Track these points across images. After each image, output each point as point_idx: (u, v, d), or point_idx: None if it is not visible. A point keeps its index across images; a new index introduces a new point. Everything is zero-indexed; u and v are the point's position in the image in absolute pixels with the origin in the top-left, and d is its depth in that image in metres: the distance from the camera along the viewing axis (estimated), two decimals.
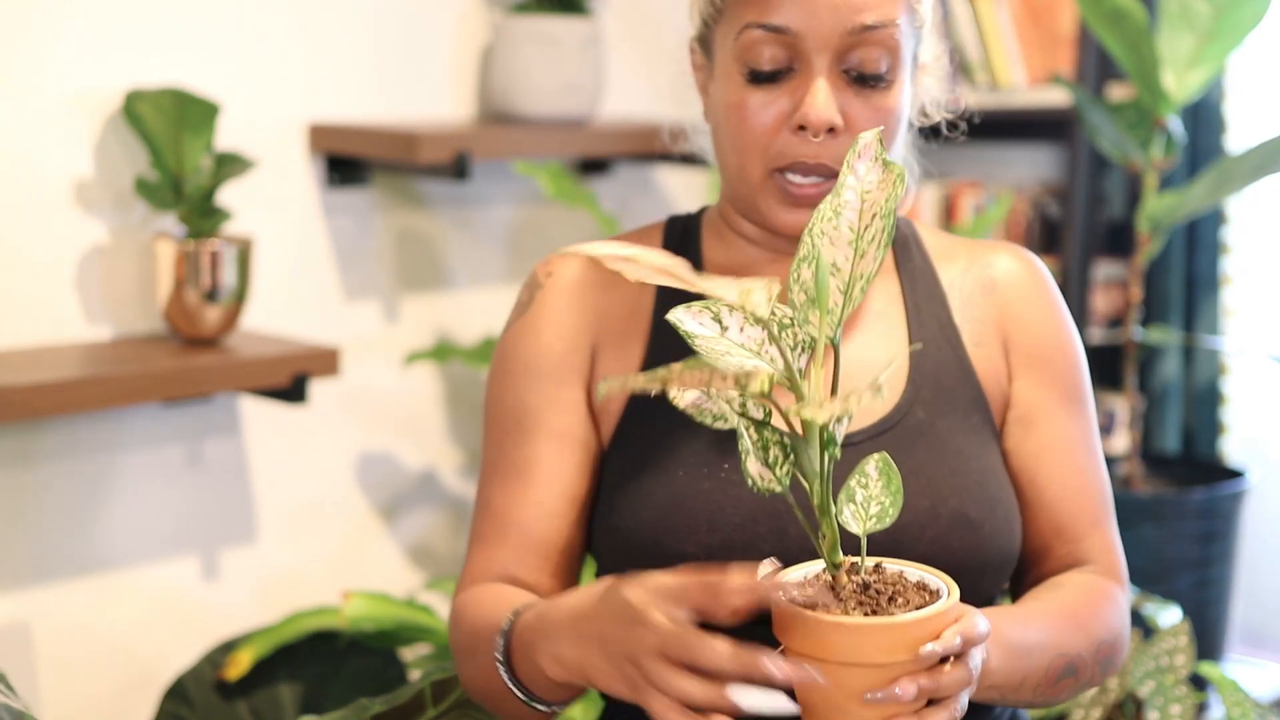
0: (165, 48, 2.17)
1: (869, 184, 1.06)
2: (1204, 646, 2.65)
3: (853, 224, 1.06)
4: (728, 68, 1.27)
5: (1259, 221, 2.94)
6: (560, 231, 2.71)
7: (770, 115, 1.25)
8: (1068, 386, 1.34)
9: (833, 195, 1.06)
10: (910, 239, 1.39)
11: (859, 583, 1.05)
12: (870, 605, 1.03)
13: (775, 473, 1.06)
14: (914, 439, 1.26)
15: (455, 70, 2.55)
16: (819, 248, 1.05)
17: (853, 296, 1.04)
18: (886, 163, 1.06)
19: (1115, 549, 1.34)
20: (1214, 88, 2.83)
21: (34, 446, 2.10)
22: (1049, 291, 1.37)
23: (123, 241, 2.16)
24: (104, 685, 2.21)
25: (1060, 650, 1.21)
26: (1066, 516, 1.32)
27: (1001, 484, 1.28)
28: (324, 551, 2.46)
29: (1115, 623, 1.29)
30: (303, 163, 2.36)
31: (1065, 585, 1.28)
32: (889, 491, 1.08)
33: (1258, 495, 2.89)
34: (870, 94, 1.25)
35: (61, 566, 2.15)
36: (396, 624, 2.16)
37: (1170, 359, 2.94)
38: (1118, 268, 2.97)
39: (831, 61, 1.24)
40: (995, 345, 1.34)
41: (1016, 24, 2.96)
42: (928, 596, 1.05)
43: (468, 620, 1.26)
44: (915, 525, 1.22)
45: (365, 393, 2.48)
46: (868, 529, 1.07)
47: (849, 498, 1.08)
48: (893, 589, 1.05)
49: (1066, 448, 1.32)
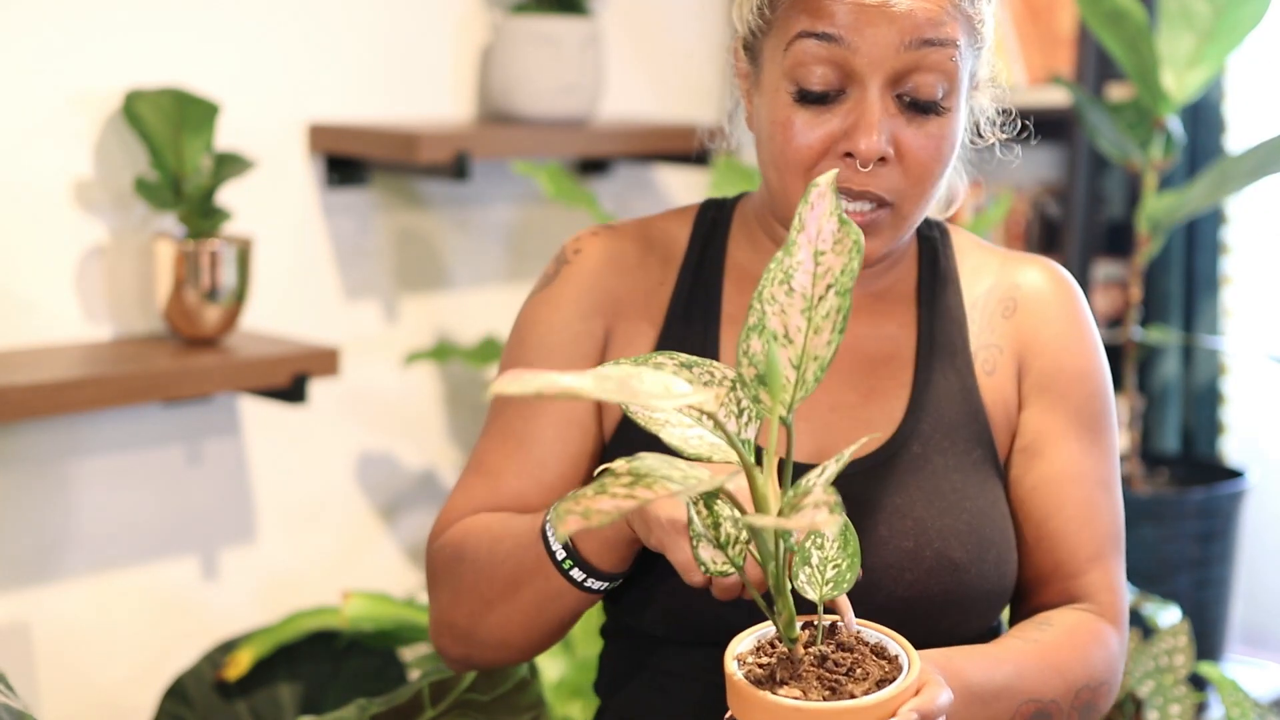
0: (165, 48, 2.17)
1: (823, 243, 0.97)
2: (1203, 646, 2.65)
3: (805, 289, 0.96)
4: (776, 83, 1.20)
5: (1259, 221, 2.94)
6: (560, 231, 2.71)
7: (817, 137, 1.18)
8: (1083, 416, 1.29)
9: (782, 254, 0.97)
10: (940, 249, 1.34)
11: (816, 654, 1.02)
12: (828, 681, 1.00)
13: (728, 553, 1.03)
14: (905, 475, 1.23)
15: (455, 70, 2.55)
16: (767, 316, 0.96)
17: (806, 380, 0.96)
18: (843, 220, 0.97)
19: (1116, 588, 1.29)
20: (1214, 88, 2.83)
21: (34, 446, 2.11)
22: (1075, 314, 1.31)
23: (123, 241, 2.16)
24: (104, 685, 2.21)
25: (1031, 695, 1.17)
26: (1065, 551, 1.27)
27: (996, 524, 1.24)
28: (324, 551, 2.46)
29: (1099, 667, 1.23)
30: (302, 163, 2.36)
31: (1052, 624, 1.24)
32: (845, 554, 1.04)
33: (1257, 495, 2.89)
34: (924, 122, 1.18)
35: (61, 566, 2.15)
36: (396, 624, 2.16)
37: (1170, 359, 2.94)
38: (1117, 268, 2.97)
39: (885, 85, 1.17)
40: (1009, 372, 1.29)
41: (1016, 24, 2.96)
42: (886, 665, 1.02)
43: (473, 538, 1.24)
44: (895, 568, 1.19)
45: (365, 393, 2.49)
46: (824, 595, 1.03)
47: (804, 560, 1.03)
48: (851, 659, 1.02)
49: (1073, 479, 1.27)
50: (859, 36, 1.15)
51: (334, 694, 2.15)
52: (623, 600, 1.27)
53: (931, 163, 1.20)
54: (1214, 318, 2.91)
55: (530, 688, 1.57)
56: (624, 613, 1.29)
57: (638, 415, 0.99)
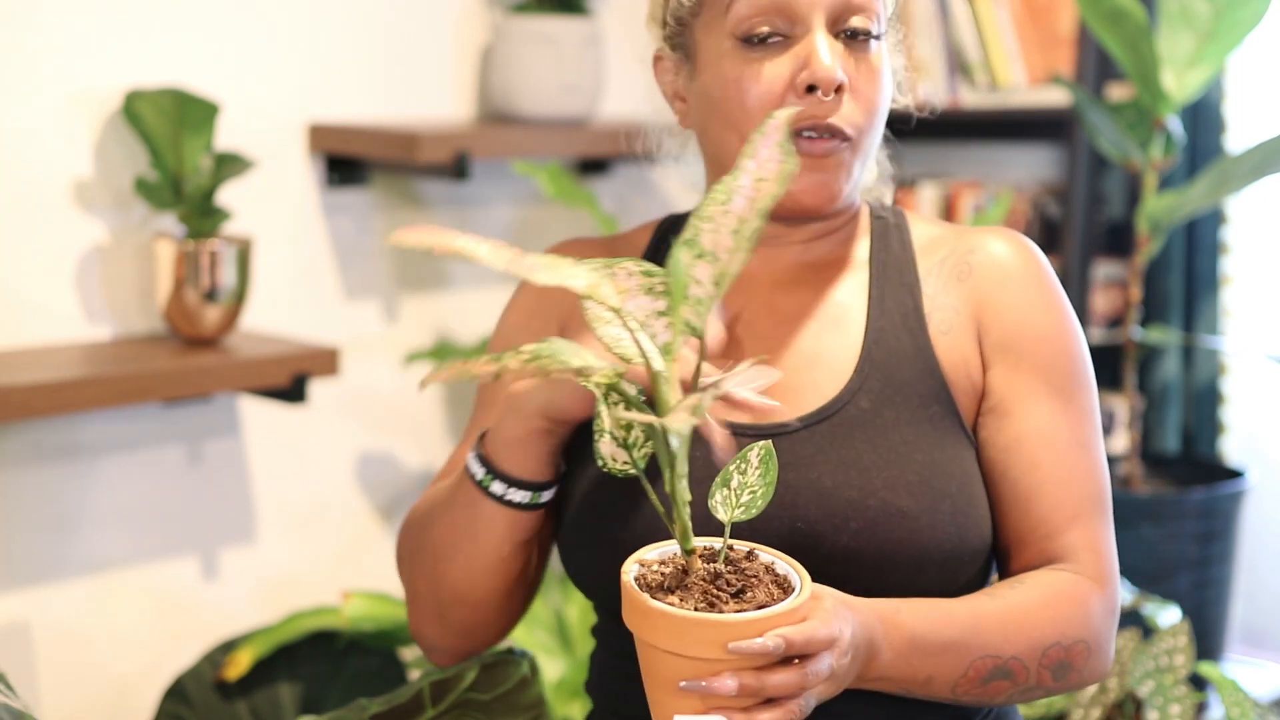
0: (165, 48, 2.17)
1: (767, 170, 1.02)
2: (1203, 646, 2.65)
3: (742, 213, 1.01)
4: (719, 50, 1.27)
5: (1259, 221, 2.94)
6: (560, 231, 2.71)
7: (776, 81, 1.25)
8: (1053, 376, 1.29)
9: (730, 176, 1.02)
10: (894, 228, 1.37)
11: (711, 571, 1.04)
12: (712, 596, 1.01)
13: (632, 454, 1.07)
14: (852, 429, 1.24)
15: (455, 70, 2.55)
16: (701, 232, 1.01)
17: (722, 289, 1.00)
18: (786, 150, 1.03)
19: (1100, 547, 1.27)
20: (1214, 88, 2.83)
21: (34, 446, 2.11)
22: (1035, 276, 1.32)
23: (123, 241, 2.16)
24: (104, 685, 2.21)
25: (988, 651, 1.18)
26: (1042, 511, 1.26)
27: (956, 478, 1.24)
28: (324, 551, 2.46)
29: (1074, 624, 1.22)
30: (302, 163, 2.36)
31: (1025, 583, 1.23)
32: (764, 481, 1.06)
33: (1257, 495, 2.89)
34: (865, 54, 1.26)
35: (61, 566, 2.15)
36: (396, 624, 2.16)
37: (1170, 359, 2.94)
38: (1117, 268, 2.97)
39: (827, 23, 1.25)
40: (966, 333, 1.30)
41: (1016, 24, 2.96)
42: (780, 595, 1.03)
43: (420, 509, 1.31)
44: (839, 516, 1.19)
45: (365, 393, 2.49)
46: (734, 517, 1.06)
47: (724, 482, 1.06)
48: (745, 582, 1.03)
49: (1046, 440, 1.27)
50: None
51: (334, 694, 2.15)
52: (588, 578, 1.29)
53: (875, 94, 1.27)
54: (1214, 318, 2.91)
55: (530, 687, 1.57)
56: (591, 593, 1.31)
57: (588, 311, 1.03)
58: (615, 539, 1.23)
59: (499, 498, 1.23)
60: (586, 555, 1.27)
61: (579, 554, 1.28)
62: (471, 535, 1.24)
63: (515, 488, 1.22)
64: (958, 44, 3.01)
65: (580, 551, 1.27)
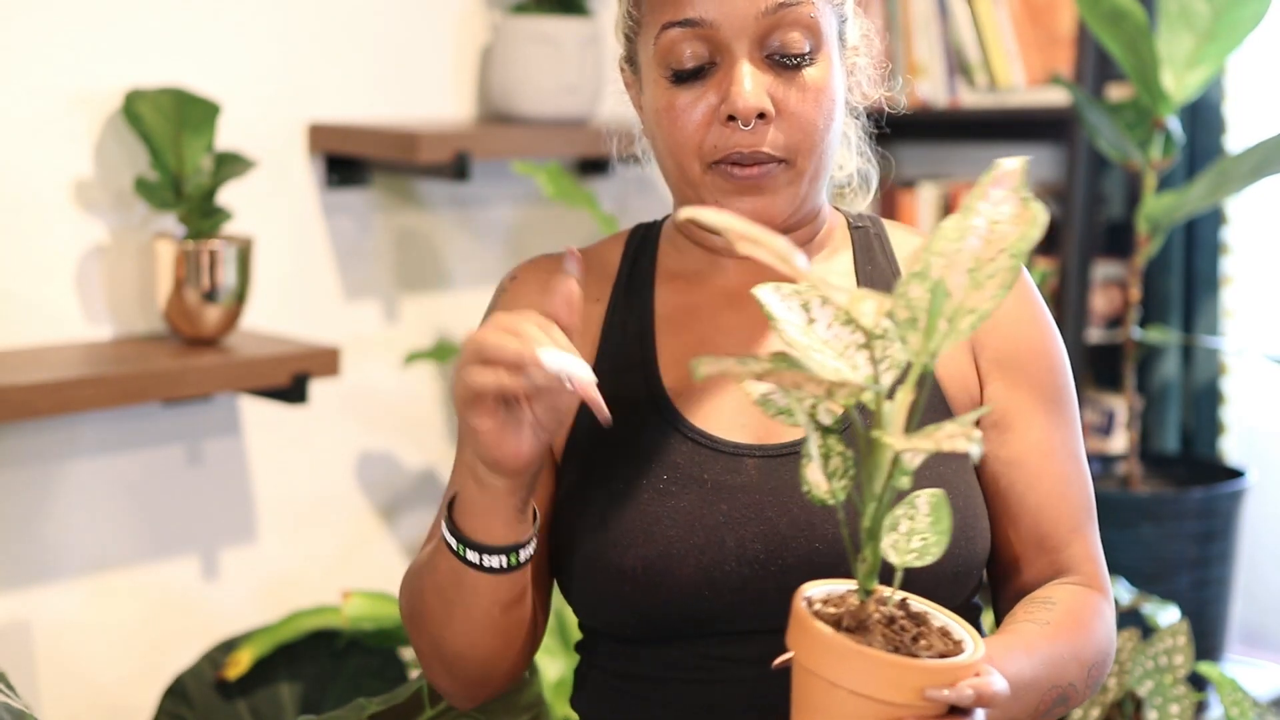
0: (165, 48, 2.17)
1: (1000, 215, 0.98)
2: (1203, 646, 2.65)
3: (976, 252, 0.97)
4: (653, 74, 1.26)
5: (1259, 221, 2.94)
6: (560, 231, 2.71)
7: (699, 112, 1.23)
8: (1046, 389, 1.30)
9: (960, 214, 0.98)
10: (875, 238, 1.36)
11: (885, 615, 1.02)
12: (894, 641, 1.00)
13: (832, 484, 1.03)
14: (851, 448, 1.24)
15: (455, 70, 2.55)
16: (933, 266, 0.97)
17: (959, 329, 0.95)
18: (1026, 200, 0.98)
19: (1096, 557, 1.30)
20: (1213, 88, 2.83)
21: (34, 446, 2.11)
22: (1023, 289, 1.32)
23: (123, 241, 2.16)
24: (104, 685, 2.21)
25: (1054, 683, 1.18)
26: (1048, 525, 1.27)
27: (960, 491, 1.24)
28: (324, 551, 2.46)
29: (1104, 640, 1.25)
30: (302, 163, 2.36)
31: (1054, 602, 1.24)
32: (936, 530, 1.03)
33: (1257, 495, 2.89)
34: (796, 76, 1.23)
35: (61, 566, 2.16)
36: (396, 624, 2.16)
37: (1169, 359, 2.94)
38: (1117, 268, 2.97)
39: (752, 47, 1.23)
40: (961, 348, 1.30)
41: (1015, 24, 2.96)
42: (950, 644, 1.02)
43: (414, 570, 1.28)
44: (844, 540, 1.18)
45: (365, 393, 2.49)
46: (905, 563, 1.02)
47: (892, 526, 1.03)
48: (917, 630, 1.02)
49: (1046, 453, 1.28)
50: (718, 13, 1.22)
51: (334, 694, 2.15)
52: (592, 606, 1.27)
53: (812, 114, 1.24)
54: (1214, 318, 2.91)
55: (530, 688, 1.57)
56: (595, 619, 1.29)
57: (784, 331, 0.99)
58: (632, 569, 1.21)
59: (477, 565, 1.19)
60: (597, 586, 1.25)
61: (587, 584, 1.25)
62: (460, 601, 1.21)
63: (489, 554, 1.19)
64: (957, 44, 3.01)
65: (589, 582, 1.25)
